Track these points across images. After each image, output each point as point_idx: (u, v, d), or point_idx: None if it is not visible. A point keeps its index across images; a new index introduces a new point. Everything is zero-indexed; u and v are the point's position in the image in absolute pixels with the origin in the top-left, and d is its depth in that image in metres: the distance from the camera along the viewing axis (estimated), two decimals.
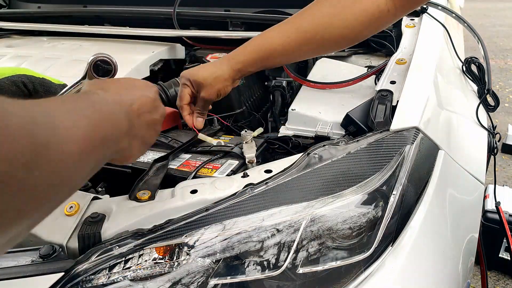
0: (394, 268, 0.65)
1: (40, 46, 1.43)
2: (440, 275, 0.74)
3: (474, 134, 1.07)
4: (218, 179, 0.72)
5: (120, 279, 0.57)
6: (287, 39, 0.88)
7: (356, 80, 1.01)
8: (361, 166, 0.69)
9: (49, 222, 0.66)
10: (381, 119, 0.81)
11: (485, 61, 1.24)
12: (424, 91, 0.86)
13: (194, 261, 0.59)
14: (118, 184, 0.86)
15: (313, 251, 0.62)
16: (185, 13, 1.41)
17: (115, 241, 0.60)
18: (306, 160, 0.71)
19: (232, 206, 0.63)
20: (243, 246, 0.60)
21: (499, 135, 1.21)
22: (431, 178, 0.76)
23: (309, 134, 0.93)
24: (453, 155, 0.86)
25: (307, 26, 0.88)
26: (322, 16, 0.87)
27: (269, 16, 1.34)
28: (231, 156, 0.85)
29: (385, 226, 0.66)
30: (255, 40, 0.91)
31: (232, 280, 0.59)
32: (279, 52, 0.89)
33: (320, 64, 1.17)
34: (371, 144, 0.73)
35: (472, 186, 0.94)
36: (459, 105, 1.08)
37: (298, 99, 0.99)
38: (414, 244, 0.68)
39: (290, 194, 0.65)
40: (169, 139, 0.93)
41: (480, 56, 1.30)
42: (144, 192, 0.69)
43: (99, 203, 0.69)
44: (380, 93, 0.87)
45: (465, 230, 0.88)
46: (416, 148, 0.74)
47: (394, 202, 0.67)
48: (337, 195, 0.65)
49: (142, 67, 1.20)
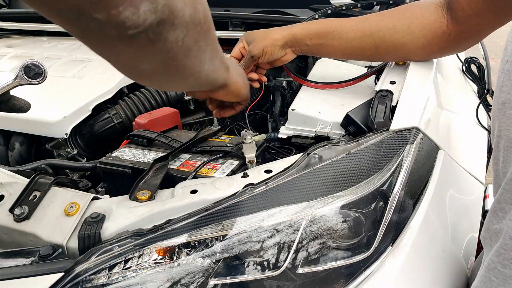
0: (394, 268, 0.65)
1: (40, 46, 1.43)
2: (440, 275, 0.74)
3: (474, 134, 1.07)
4: (218, 179, 0.72)
5: (120, 279, 0.57)
6: (347, 26, 0.90)
7: (356, 80, 1.01)
8: (361, 166, 0.69)
9: (49, 222, 0.66)
10: (381, 119, 0.81)
11: (485, 61, 1.24)
12: (424, 91, 0.86)
13: (194, 261, 0.59)
14: (118, 184, 0.86)
15: (313, 251, 0.62)
16: None
17: (115, 241, 0.60)
18: (306, 160, 0.71)
19: (232, 206, 0.63)
20: (243, 246, 0.60)
21: None
22: (431, 178, 0.76)
23: (309, 134, 0.93)
24: (453, 155, 0.86)
25: (372, 21, 0.89)
26: (391, 17, 0.89)
27: (269, 16, 1.34)
28: (231, 156, 0.85)
29: (385, 226, 0.66)
30: (315, 20, 0.94)
31: (232, 280, 0.59)
32: (336, 34, 0.90)
33: (320, 64, 1.17)
34: (371, 144, 0.73)
35: (472, 186, 0.94)
36: (459, 105, 1.08)
37: (298, 99, 0.99)
38: (414, 244, 0.68)
39: (290, 194, 0.65)
40: (169, 139, 0.93)
41: (480, 56, 1.30)
42: (144, 192, 0.69)
43: (99, 203, 0.69)
44: (380, 93, 0.87)
45: (465, 230, 0.88)
46: (416, 148, 0.74)
47: (394, 202, 0.67)
48: (337, 195, 0.65)
49: None
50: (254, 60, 0.93)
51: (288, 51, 0.94)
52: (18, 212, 0.66)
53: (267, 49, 0.91)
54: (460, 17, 0.82)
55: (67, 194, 0.70)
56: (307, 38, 0.91)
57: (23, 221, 0.66)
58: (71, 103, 1.04)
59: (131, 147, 0.92)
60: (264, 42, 0.91)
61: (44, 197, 0.69)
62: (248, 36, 0.94)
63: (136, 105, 1.16)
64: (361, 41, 0.90)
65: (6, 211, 0.68)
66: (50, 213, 0.67)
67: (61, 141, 1.04)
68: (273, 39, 0.91)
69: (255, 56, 0.91)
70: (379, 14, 0.93)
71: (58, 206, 0.68)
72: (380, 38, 0.89)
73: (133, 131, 0.97)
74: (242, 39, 0.95)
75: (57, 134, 1.01)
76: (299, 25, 0.94)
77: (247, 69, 0.95)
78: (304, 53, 0.96)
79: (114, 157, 0.87)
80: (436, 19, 0.85)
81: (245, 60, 0.93)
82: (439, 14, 0.85)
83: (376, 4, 1.37)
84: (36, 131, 1.02)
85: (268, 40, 0.91)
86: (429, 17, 0.86)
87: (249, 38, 0.93)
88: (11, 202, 0.68)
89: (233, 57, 0.96)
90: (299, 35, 0.91)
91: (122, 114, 1.12)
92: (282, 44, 0.92)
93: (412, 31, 0.87)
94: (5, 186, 0.73)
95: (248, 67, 0.94)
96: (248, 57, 0.92)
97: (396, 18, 0.89)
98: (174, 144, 0.91)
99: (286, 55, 0.95)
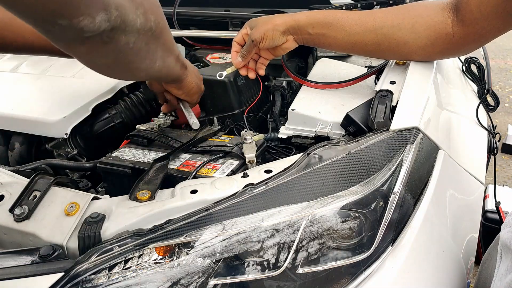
0: (394, 268, 0.65)
1: None
2: (440, 275, 0.74)
3: (474, 134, 1.07)
4: (218, 179, 0.72)
5: (120, 279, 0.57)
6: (351, 19, 0.89)
7: (356, 80, 1.01)
8: (361, 166, 0.69)
9: (49, 222, 0.66)
10: (381, 119, 0.81)
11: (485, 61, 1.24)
12: (424, 91, 0.86)
13: (194, 261, 0.59)
14: (118, 184, 0.86)
15: (313, 251, 0.62)
16: (185, 13, 1.41)
17: (115, 241, 0.60)
18: (306, 160, 0.71)
19: (232, 206, 0.63)
20: (243, 246, 0.60)
21: (499, 135, 1.21)
22: (431, 178, 0.76)
23: (309, 134, 0.93)
24: (453, 155, 0.86)
25: (377, 17, 0.89)
26: (396, 15, 0.89)
27: None
28: (231, 156, 0.85)
29: (385, 226, 0.66)
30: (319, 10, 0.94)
31: (232, 280, 0.59)
32: (340, 26, 0.89)
33: (320, 64, 1.17)
34: (371, 144, 0.73)
35: (472, 186, 0.94)
36: (459, 105, 1.08)
37: (298, 99, 0.99)
38: (414, 244, 0.68)
39: (290, 194, 0.65)
40: (169, 139, 0.93)
41: (480, 56, 1.30)
42: (144, 192, 0.69)
43: (99, 203, 0.69)
44: (380, 93, 0.87)
45: (465, 230, 0.88)
46: (416, 148, 0.74)
47: (394, 202, 0.67)
48: (337, 195, 0.65)
49: None
50: (255, 45, 0.92)
51: (289, 38, 0.93)
52: (18, 212, 0.66)
53: (268, 34, 0.90)
54: (467, 19, 0.82)
55: (67, 194, 0.70)
56: (310, 26, 0.90)
57: (23, 221, 0.66)
58: (71, 103, 1.04)
59: (131, 147, 0.92)
60: (265, 26, 0.90)
61: (44, 197, 0.69)
62: (251, 22, 0.94)
63: (136, 105, 1.16)
64: (364, 36, 0.89)
65: (6, 211, 0.68)
66: (50, 213, 0.67)
67: (61, 141, 1.04)
68: (274, 24, 0.90)
69: (255, 40, 0.90)
70: (383, 10, 0.92)
71: (58, 206, 0.68)
72: (383, 35, 0.88)
73: (133, 131, 0.97)
74: (246, 25, 0.95)
75: (57, 134, 1.01)
76: (303, 13, 0.93)
77: (248, 54, 0.94)
78: (306, 43, 0.95)
79: (114, 157, 0.87)
80: (441, 20, 0.85)
81: (246, 45, 0.93)
82: (445, 15, 0.85)
83: (376, 4, 1.37)
84: (36, 131, 1.02)
85: (270, 24, 0.90)
86: (434, 18, 0.86)
87: (252, 23, 0.93)
88: (11, 202, 0.68)
89: (236, 42, 0.96)
90: (302, 22, 0.90)
91: (122, 114, 1.12)
92: (284, 30, 0.91)
93: (416, 30, 0.87)
94: (5, 186, 0.73)
95: (249, 52, 0.94)
96: (249, 41, 0.92)
97: (401, 16, 0.88)
98: (174, 144, 0.91)
99: (287, 42, 0.94)
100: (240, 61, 0.95)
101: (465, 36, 0.84)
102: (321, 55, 1.32)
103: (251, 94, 1.19)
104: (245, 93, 1.16)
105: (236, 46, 0.96)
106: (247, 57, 0.94)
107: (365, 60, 1.28)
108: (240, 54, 0.94)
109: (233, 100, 1.12)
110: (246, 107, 1.15)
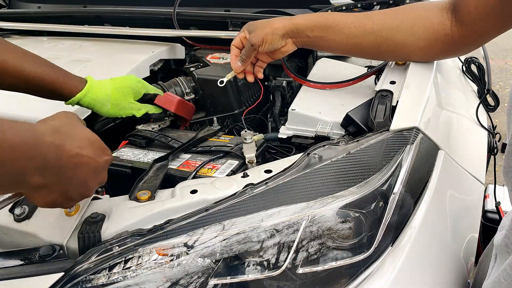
0: (394, 268, 0.65)
1: (40, 46, 1.43)
2: (440, 275, 0.74)
3: (474, 134, 1.07)
4: (218, 179, 0.72)
5: (120, 279, 0.57)
6: (350, 21, 0.89)
7: (356, 80, 1.01)
8: (361, 166, 0.69)
9: (49, 222, 0.66)
10: (381, 119, 0.81)
11: (485, 61, 1.24)
12: (424, 91, 0.86)
13: (194, 261, 0.59)
14: (118, 184, 0.86)
15: (313, 251, 0.62)
16: (185, 13, 1.40)
17: (115, 241, 0.60)
18: (306, 160, 0.71)
19: (232, 206, 0.63)
20: (243, 246, 0.60)
21: (499, 135, 1.21)
22: (431, 178, 0.76)
23: (309, 134, 0.93)
24: (453, 155, 0.86)
25: (375, 19, 0.89)
26: (394, 17, 0.89)
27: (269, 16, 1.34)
28: (231, 156, 0.85)
29: (385, 226, 0.66)
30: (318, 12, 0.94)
31: (232, 280, 0.59)
32: (338, 29, 0.89)
33: (320, 64, 1.17)
34: (371, 144, 0.73)
35: (472, 186, 0.94)
36: (459, 105, 1.08)
37: (298, 99, 0.99)
38: (414, 244, 0.68)
39: (290, 194, 0.65)
40: (169, 139, 0.93)
41: (480, 56, 1.30)
42: (144, 192, 0.69)
43: (99, 203, 0.69)
44: (380, 93, 0.87)
45: (465, 230, 0.88)
46: (416, 148, 0.74)
47: (394, 202, 0.67)
48: (337, 195, 0.65)
49: (142, 67, 1.20)
50: (254, 49, 0.92)
51: (288, 42, 0.93)
52: (18, 212, 0.66)
53: (267, 38, 0.90)
54: (466, 20, 0.82)
55: None
56: (309, 29, 0.90)
57: (23, 221, 0.66)
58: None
59: (131, 147, 0.92)
60: (264, 30, 0.90)
61: None
62: (249, 26, 0.93)
63: None
64: (363, 38, 0.89)
65: (6, 211, 0.67)
66: (50, 213, 0.67)
67: None
68: (273, 28, 0.90)
69: (255, 44, 0.90)
70: (382, 12, 0.92)
71: None
72: (382, 37, 0.88)
73: (132, 132, 0.97)
74: (244, 28, 0.95)
75: None
76: (302, 16, 0.93)
77: (248, 59, 0.94)
78: (305, 45, 0.95)
79: (114, 157, 0.87)
80: (440, 22, 0.85)
81: (245, 49, 0.93)
82: (444, 16, 0.85)
83: (376, 4, 1.37)
84: None
85: (269, 28, 0.90)
86: (433, 19, 0.86)
87: (251, 27, 0.93)
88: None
89: (234, 46, 0.95)
90: (301, 26, 0.90)
91: None
92: (283, 34, 0.91)
93: (415, 32, 0.87)
94: None
95: (248, 56, 0.93)
96: (248, 45, 0.92)
97: (400, 18, 0.88)
98: (174, 144, 0.91)
99: (286, 46, 0.94)
100: (240, 65, 0.94)
101: (464, 36, 0.84)
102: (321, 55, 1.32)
103: (251, 94, 1.19)
104: (244, 93, 1.16)
105: (234, 50, 0.96)
106: (246, 61, 0.94)
107: (365, 60, 1.28)
108: (239, 59, 0.94)
109: (233, 100, 1.12)
110: (246, 107, 1.15)
